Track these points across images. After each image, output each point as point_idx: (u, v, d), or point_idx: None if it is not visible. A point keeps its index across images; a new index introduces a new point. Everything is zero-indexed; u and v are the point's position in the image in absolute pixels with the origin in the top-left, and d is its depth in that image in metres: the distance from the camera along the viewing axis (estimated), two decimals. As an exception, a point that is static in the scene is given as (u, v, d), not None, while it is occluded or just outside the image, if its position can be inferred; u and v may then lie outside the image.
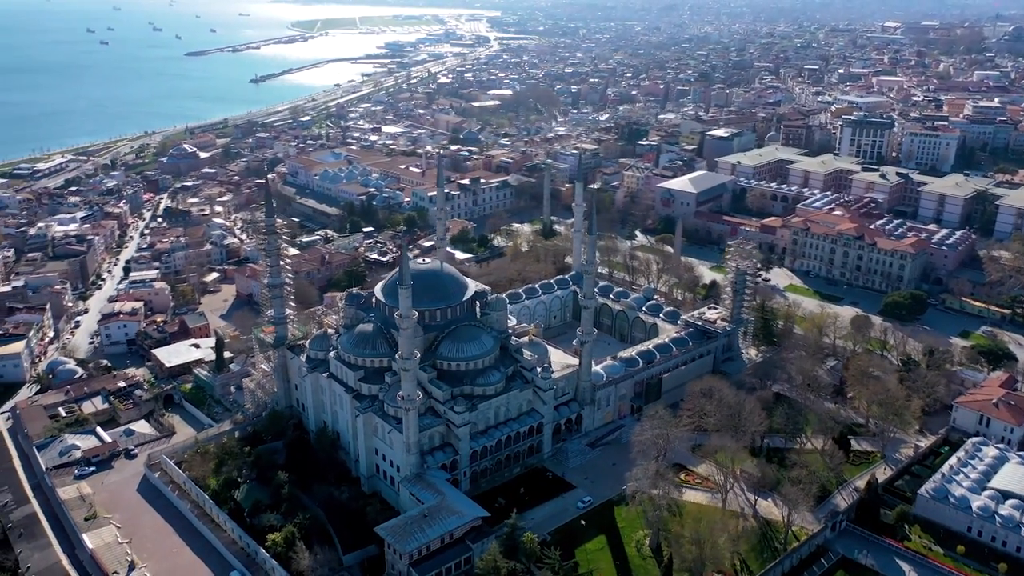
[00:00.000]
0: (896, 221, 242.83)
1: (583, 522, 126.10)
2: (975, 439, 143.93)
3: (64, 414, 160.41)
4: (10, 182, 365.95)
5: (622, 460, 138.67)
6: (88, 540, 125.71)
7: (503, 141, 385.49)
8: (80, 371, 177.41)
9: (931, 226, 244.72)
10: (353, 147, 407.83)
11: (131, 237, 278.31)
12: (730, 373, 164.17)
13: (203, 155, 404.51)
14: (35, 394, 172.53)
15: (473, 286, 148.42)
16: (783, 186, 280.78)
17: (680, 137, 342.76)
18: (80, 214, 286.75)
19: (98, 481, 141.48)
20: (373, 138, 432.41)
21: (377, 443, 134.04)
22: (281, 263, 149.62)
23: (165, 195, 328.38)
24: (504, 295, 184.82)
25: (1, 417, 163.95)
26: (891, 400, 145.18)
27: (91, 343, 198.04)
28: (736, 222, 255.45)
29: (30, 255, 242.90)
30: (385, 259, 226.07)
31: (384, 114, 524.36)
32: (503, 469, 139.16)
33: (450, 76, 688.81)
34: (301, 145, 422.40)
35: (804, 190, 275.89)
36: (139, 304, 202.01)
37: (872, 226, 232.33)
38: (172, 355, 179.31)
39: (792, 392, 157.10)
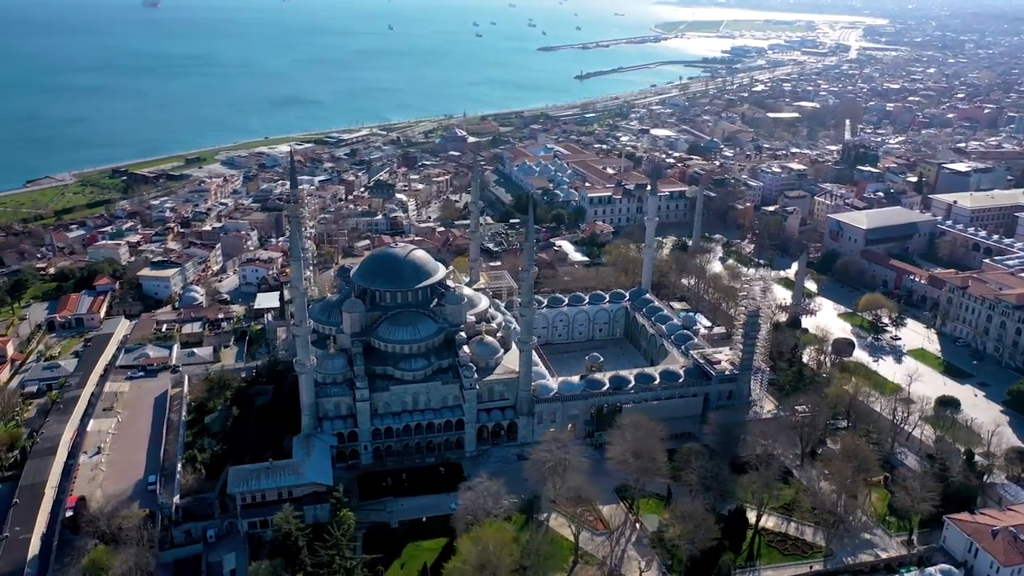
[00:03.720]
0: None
1: (424, 519, 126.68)
2: (942, 567, 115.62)
3: (163, 329, 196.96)
4: (314, 147, 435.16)
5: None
6: (91, 424, 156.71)
7: (727, 152, 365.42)
8: (200, 299, 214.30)
9: None
10: (602, 146, 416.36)
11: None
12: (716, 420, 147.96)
13: (471, 140, 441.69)
14: (170, 311, 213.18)
15: (437, 276, 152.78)
16: (994, 236, 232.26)
17: (919, 167, 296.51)
18: (320, 178, 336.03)
19: (139, 385, 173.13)
20: (624, 139, 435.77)
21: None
22: (301, 229, 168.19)
23: (382, 172, 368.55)
24: (545, 299, 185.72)
25: (131, 323, 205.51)
26: (840, 490, 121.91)
27: (240, 281, 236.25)
28: (903, 268, 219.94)
29: (251, 204, 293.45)
30: (495, 249, 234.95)
31: (667, 117, 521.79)
32: (414, 454, 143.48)
33: (768, 84, 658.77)
34: (562, 140, 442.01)
35: (1019, 244, 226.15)
36: (278, 255, 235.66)
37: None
38: (265, 300, 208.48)
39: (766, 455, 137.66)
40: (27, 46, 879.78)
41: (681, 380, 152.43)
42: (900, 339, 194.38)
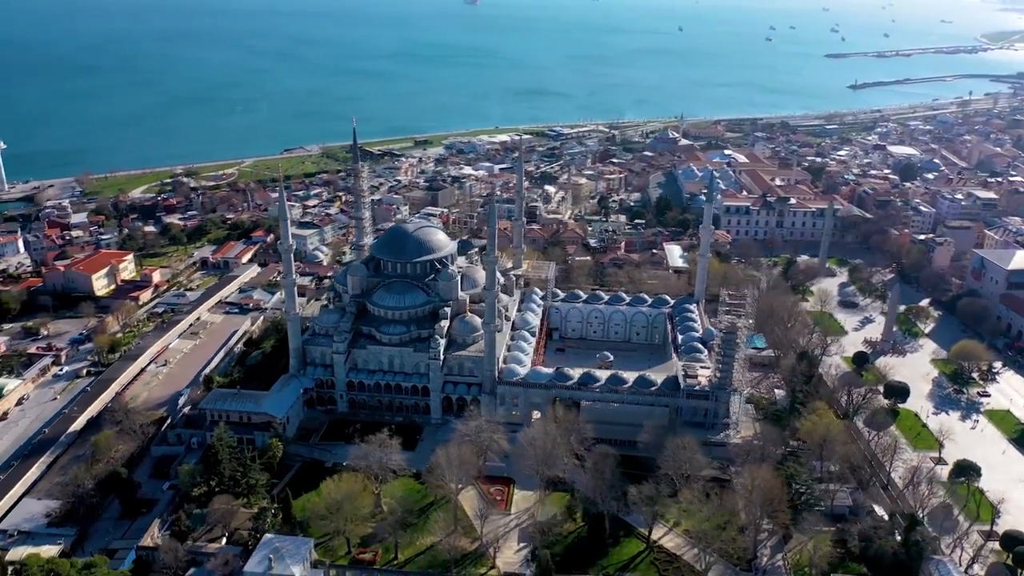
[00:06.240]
0: None
1: (345, 463, 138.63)
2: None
3: (277, 278, 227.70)
4: (534, 139, 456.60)
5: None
6: (174, 343, 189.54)
7: (928, 176, 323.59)
8: (322, 258, 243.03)
9: None
10: (816, 159, 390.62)
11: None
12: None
13: (682, 143, 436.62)
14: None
15: (438, 253, 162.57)
16: None
17: None
18: (500, 166, 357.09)
19: (229, 319, 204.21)
20: (843, 153, 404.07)
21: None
22: (362, 199, 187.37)
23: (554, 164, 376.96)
24: (583, 293, 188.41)
25: (260, 270, 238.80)
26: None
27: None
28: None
29: (421, 183, 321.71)
30: (595, 245, 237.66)
31: (921, 135, 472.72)
32: (385, 411, 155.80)
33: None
34: (777, 148, 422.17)
35: None
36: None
37: None
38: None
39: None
40: (350, 34, 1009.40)
41: (653, 389, 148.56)
42: (988, 395, 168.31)
